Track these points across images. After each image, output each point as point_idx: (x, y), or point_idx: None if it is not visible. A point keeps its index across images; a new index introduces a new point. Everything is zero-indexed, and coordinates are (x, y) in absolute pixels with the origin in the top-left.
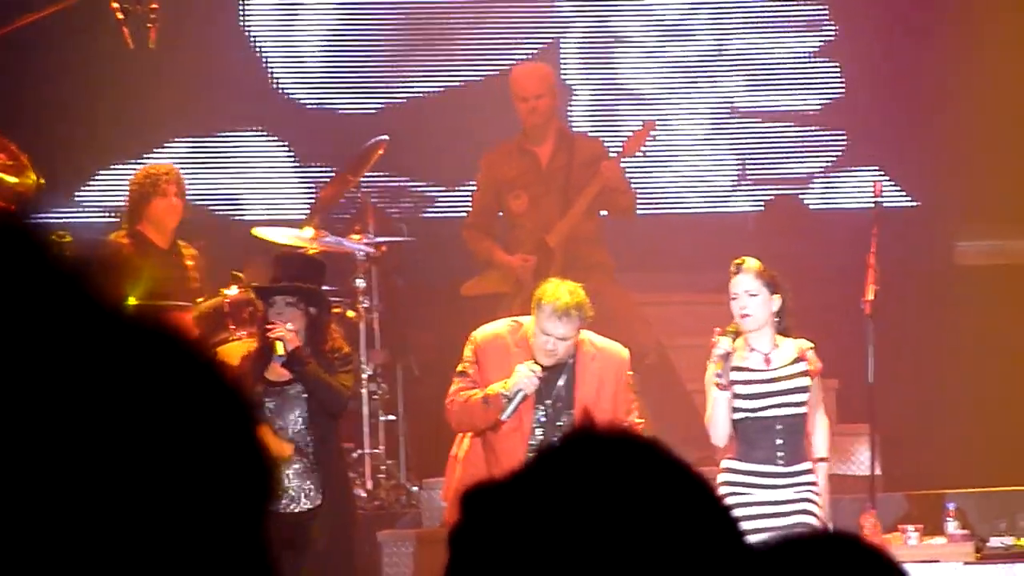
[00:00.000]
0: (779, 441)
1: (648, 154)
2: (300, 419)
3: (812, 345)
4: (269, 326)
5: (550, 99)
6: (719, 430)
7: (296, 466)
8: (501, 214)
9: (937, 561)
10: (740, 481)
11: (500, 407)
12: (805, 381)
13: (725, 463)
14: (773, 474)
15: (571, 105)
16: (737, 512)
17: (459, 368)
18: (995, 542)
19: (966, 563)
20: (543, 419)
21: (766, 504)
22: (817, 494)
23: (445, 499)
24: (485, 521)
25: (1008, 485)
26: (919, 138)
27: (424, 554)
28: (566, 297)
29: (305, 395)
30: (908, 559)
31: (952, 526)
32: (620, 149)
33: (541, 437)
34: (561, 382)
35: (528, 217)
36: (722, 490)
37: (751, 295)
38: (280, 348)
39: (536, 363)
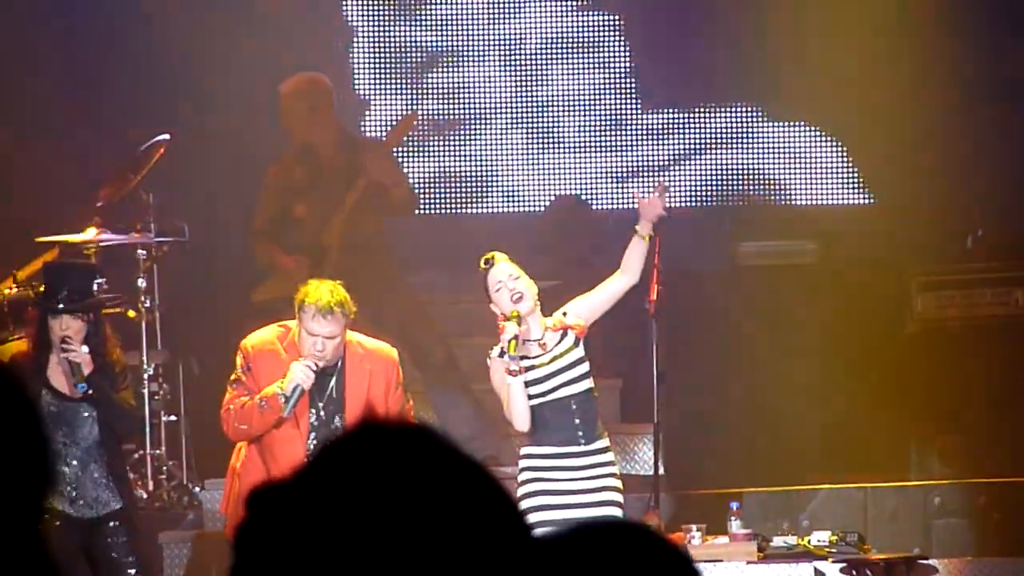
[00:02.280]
0: (576, 420)
1: (437, 153)
2: (91, 433)
3: (564, 311)
4: (66, 346)
5: (303, 114)
6: (521, 416)
7: (86, 478)
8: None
9: (720, 560)
10: (542, 466)
11: (278, 408)
12: (580, 351)
13: (525, 450)
14: (574, 454)
15: (368, 114)
16: (540, 498)
17: (232, 377)
18: (778, 541)
19: (749, 562)
20: (315, 422)
21: (568, 494)
22: (617, 476)
23: (224, 511)
24: (270, 519)
25: (790, 485)
26: (704, 141)
27: (205, 556)
28: (327, 296)
29: (91, 413)
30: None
31: (735, 525)
32: (385, 141)
33: (315, 439)
34: (332, 384)
35: (311, 221)
36: (524, 476)
37: (515, 278)
38: (80, 375)
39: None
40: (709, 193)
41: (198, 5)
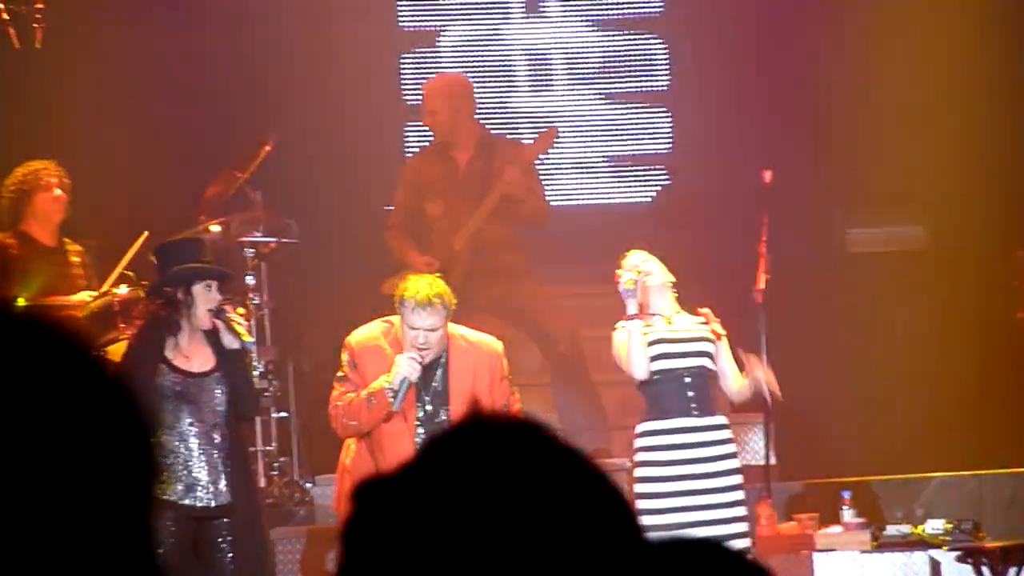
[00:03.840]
0: (690, 394)
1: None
2: (218, 412)
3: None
4: (226, 308)
5: (447, 114)
6: (638, 360)
7: (207, 460)
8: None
9: (834, 550)
10: (658, 444)
11: (385, 403)
12: (707, 333)
13: (641, 427)
14: (689, 428)
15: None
16: (656, 484)
17: (339, 374)
18: (891, 530)
19: (863, 551)
20: (422, 416)
21: (685, 479)
22: (735, 456)
23: (337, 510)
24: (377, 513)
25: (904, 473)
26: (808, 125)
27: (316, 551)
28: (425, 289)
29: (220, 388)
30: (804, 548)
31: (848, 514)
32: (523, 155)
33: (423, 434)
34: (436, 378)
35: (444, 221)
36: (640, 456)
37: (645, 261)
38: (246, 334)
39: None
40: (817, 178)
41: (295, 7)
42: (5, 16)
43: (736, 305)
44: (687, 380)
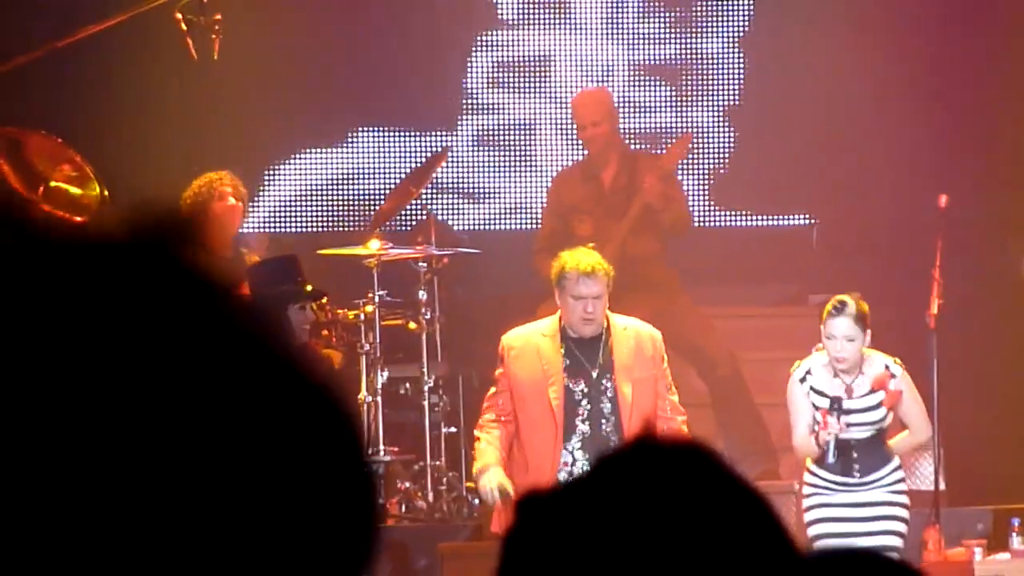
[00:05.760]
0: (855, 455)
1: (705, 166)
2: None
3: (897, 370)
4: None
5: (608, 126)
6: (809, 454)
7: None
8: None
9: None
10: (823, 485)
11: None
12: (881, 411)
13: (809, 465)
14: (850, 485)
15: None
16: (820, 512)
17: (495, 374)
18: None
19: None
20: (586, 389)
21: (847, 521)
22: (903, 492)
23: (494, 529)
24: (539, 526)
25: None
26: (983, 150)
27: (484, 567)
28: (586, 258)
29: None
30: (970, 575)
31: (1017, 542)
32: (660, 164)
33: (588, 407)
34: (599, 351)
35: (593, 239)
36: (807, 490)
37: (849, 340)
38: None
39: (506, 484)
40: (993, 203)
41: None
42: (183, 27)
43: (908, 330)
44: (853, 445)
